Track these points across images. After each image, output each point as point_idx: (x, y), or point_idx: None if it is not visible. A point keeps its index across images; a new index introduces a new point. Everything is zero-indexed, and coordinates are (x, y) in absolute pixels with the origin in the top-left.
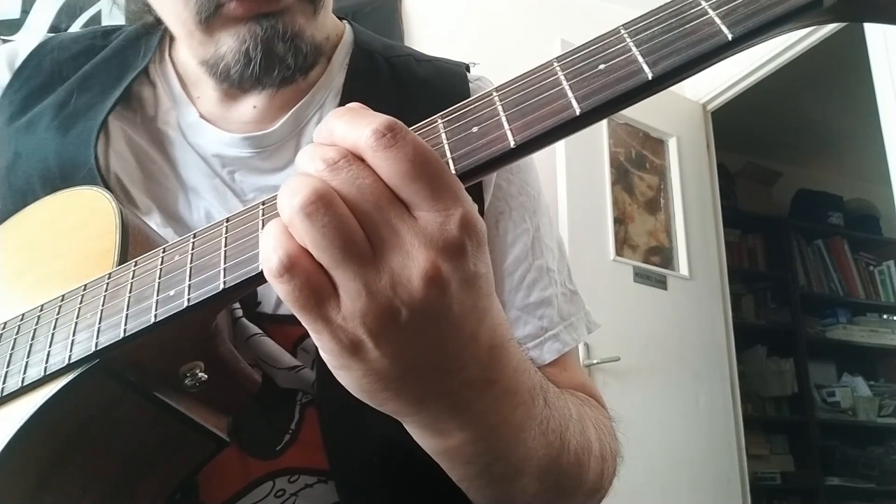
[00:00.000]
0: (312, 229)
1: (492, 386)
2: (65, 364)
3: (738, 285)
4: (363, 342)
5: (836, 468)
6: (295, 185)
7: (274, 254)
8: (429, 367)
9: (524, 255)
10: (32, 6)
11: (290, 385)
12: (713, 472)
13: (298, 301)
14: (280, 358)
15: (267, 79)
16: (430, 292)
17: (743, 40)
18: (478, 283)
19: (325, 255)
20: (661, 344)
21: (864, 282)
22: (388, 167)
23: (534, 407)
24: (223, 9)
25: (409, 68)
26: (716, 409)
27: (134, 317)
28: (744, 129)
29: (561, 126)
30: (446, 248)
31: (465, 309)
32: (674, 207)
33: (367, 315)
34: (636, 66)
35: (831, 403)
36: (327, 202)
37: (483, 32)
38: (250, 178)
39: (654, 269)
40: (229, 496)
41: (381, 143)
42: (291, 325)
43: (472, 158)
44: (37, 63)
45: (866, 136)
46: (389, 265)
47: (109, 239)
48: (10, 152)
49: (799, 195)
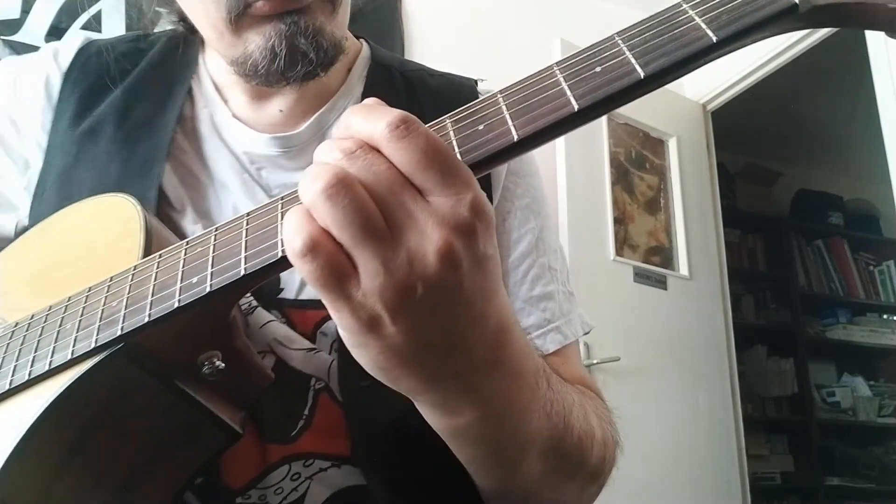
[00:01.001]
0: (334, 209)
1: (498, 367)
2: (90, 348)
3: (738, 285)
4: (381, 318)
5: (836, 468)
6: (316, 172)
7: (297, 236)
8: (441, 346)
9: (529, 251)
10: (32, 6)
11: (305, 367)
12: (713, 472)
13: (320, 279)
14: (296, 340)
15: (291, 73)
16: (444, 268)
17: (726, 43)
18: (487, 264)
19: (345, 234)
20: (661, 344)
21: (864, 282)
22: (402, 156)
23: (538, 389)
24: (251, 8)
25: (423, 80)
26: (716, 409)
27: (158, 302)
28: (744, 129)
29: (561, 121)
30: (458, 227)
31: (474, 287)
32: (674, 207)
33: (385, 291)
34: (629, 66)
35: (831, 403)
36: (347, 184)
37: (483, 33)
38: (276, 174)
39: (654, 269)
40: (249, 479)
41: (395, 133)
42: (313, 310)
43: (478, 151)
44: (81, 66)
45: (866, 136)
46: (406, 243)
47: (133, 240)
48: (71, 156)
49: (799, 195)
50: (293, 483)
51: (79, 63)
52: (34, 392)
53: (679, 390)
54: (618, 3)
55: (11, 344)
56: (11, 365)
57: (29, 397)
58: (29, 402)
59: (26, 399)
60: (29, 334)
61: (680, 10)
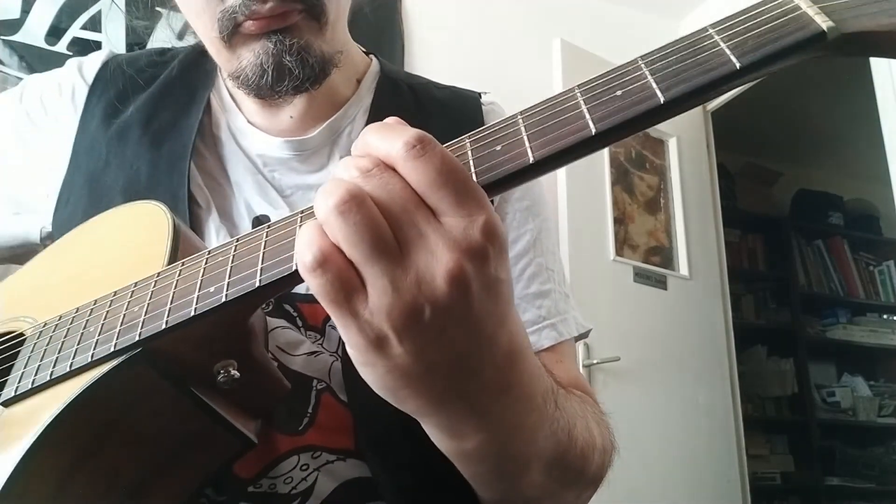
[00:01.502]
0: (345, 226)
1: (508, 390)
2: (110, 351)
3: (738, 285)
4: (388, 338)
5: (836, 468)
6: (330, 188)
7: (308, 250)
8: (449, 367)
9: (526, 250)
10: (32, 6)
11: (306, 370)
12: (713, 472)
13: (329, 294)
14: (299, 345)
15: (279, 87)
16: (453, 291)
17: (750, 69)
18: (498, 288)
19: (356, 250)
20: (661, 344)
21: (864, 282)
22: (417, 175)
23: (545, 410)
24: (241, 27)
25: (429, 92)
26: (716, 409)
27: (176, 310)
28: (744, 129)
29: (577, 144)
30: (469, 250)
31: (484, 311)
32: (674, 207)
33: (393, 310)
34: (649, 91)
35: (831, 403)
36: (359, 201)
37: (483, 33)
38: (289, 176)
39: (654, 269)
40: (259, 469)
41: (411, 153)
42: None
43: (493, 172)
44: (108, 76)
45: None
46: (415, 264)
47: (161, 246)
48: (101, 161)
49: (799, 195)
50: (302, 473)
51: (105, 74)
52: (53, 392)
53: (679, 390)
54: (618, 4)
55: (38, 343)
56: (36, 364)
57: (48, 397)
58: (47, 402)
59: (45, 399)
60: (55, 335)
61: (706, 34)
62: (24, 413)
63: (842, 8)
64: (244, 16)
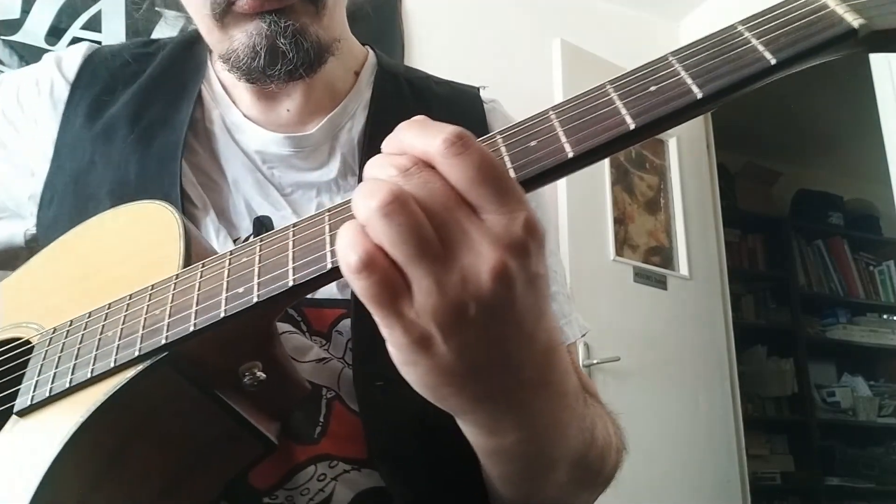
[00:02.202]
0: (390, 227)
1: (546, 387)
2: (134, 356)
3: (738, 285)
4: (432, 337)
5: (836, 468)
6: (371, 189)
7: (353, 251)
8: (491, 364)
9: None
10: (32, 6)
11: (315, 378)
12: (713, 472)
13: (375, 296)
14: (307, 351)
15: (272, 71)
16: (498, 288)
17: (784, 66)
18: (538, 283)
19: (400, 251)
20: (661, 344)
21: (864, 282)
22: (458, 172)
23: (576, 407)
24: (234, 6)
25: (429, 87)
26: (716, 409)
27: (203, 312)
28: (744, 129)
29: (616, 139)
30: (512, 246)
31: (526, 307)
32: (674, 207)
33: (438, 310)
34: (685, 87)
35: (831, 403)
36: (403, 202)
37: (483, 32)
38: (288, 173)
39: (654, 269)
40: (276, 480)
41: (451, 150)
42: (329, 308)
43: (530, 168)
44: (91, 72)
45: (866, 136)
46: (460, 262)
47: (172, 248)
48: (84, 160)
49: (799, 195)
50: (319, 484)
51: (87, 70)
52: (75, 399)
53: (679, 390)
54: (618, 4)
55: (50, 350)
56: (51, 372)
57: (70, 405)
58: (70, 409)
59: (67, 406)
60: (68, 341)
61: (735, 31)
62: (43, 422)
63: (869, 6)
64: None
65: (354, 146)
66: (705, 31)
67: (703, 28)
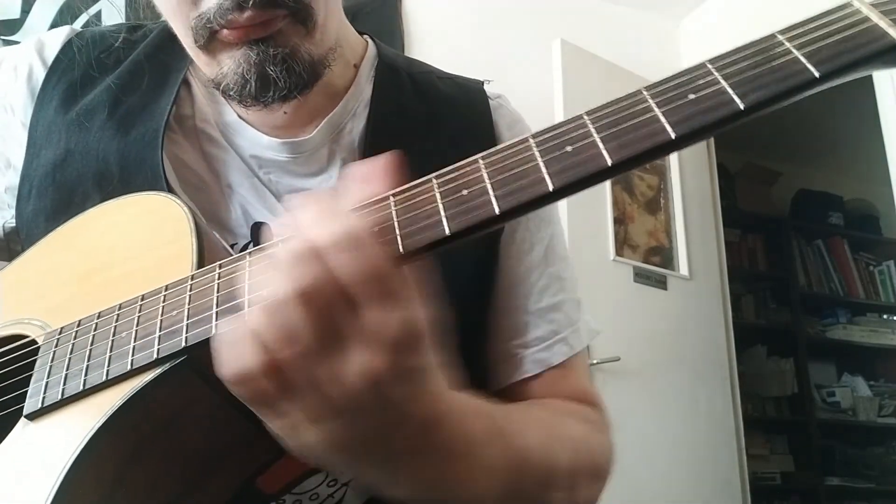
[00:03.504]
0: (272, 327)
1: (423, 451)
2: (152, 359)
3: (738, 285)
4: (304, 425)
5: (836, 468)
6: (267, 284)
7: (235, 362)
8: (360, 444)
9: (538, 262)
10: (32, 6)
11: None
12: (713, 472)
13: (252, 402)
14: None
15: (264, 97)
16: (366, 387)
17: (828, 78)
18: (413, 375)
19: (280, 350)
20: (661, 344)
21: (864, 282)
22: (345, 269)
23: (480, 456)
24: (218, 35)
25: (432, 84)
26: (716, 409)
27: (223, 314)
28: (744, 129)
29: (656, 148)
30: (384, 347)
31: (397, 396)
32: (674, 207)
33: (307, 405)
34: (726, 97)
35: (831, 403)
36: (290, 304)
37: (484, 33)
38: (285, 179)
39: (654, 269)
40: (284, 484)
41: (341, 244)
42: None
43: (569, 173)
44: (70, 57)
45: (866, 136)
46: (331, 360)
47: (181, 244)
48: (60, 149)
49: (799, 195)
50: (329, 489)
51: (66, 55)
52: (91, 402)
53: (679, 390)
54: (618, 4)
55: (58, 351)
56: (62, 373)
57: (86, 407)
58: (86, 413)
59: (83, 409)
60: (78, 342)
61: (775, 41)
62: (56, 426)
63: None
64: (220, 25)
65: (355, 149)
66: (705, 31)
67: (703, 28)
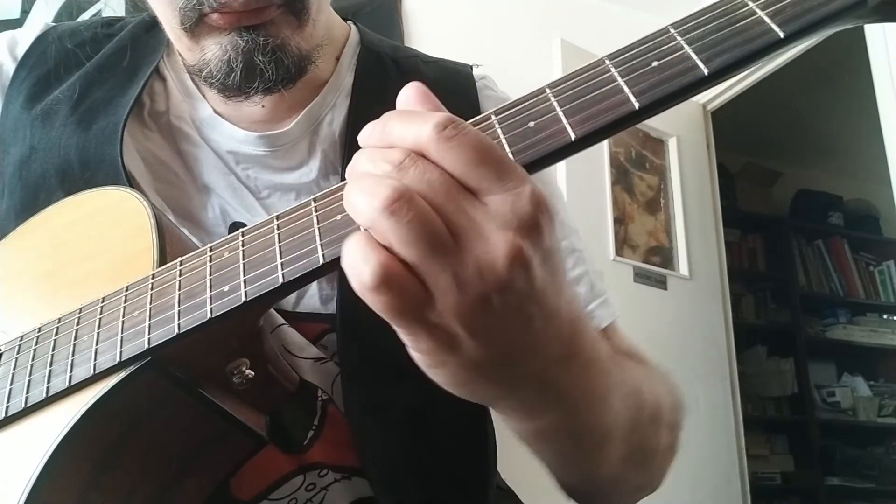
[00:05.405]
0: (399, 226)
1: (574, 358)
2: (115, 362)
3: (738, 285)
4: (458, 335)
5: (836, 468)
6: (370, 187)
7: (366, 266)
8: (520, 349)
9: None
10: (32, 6)
11: (313, 378)
12: (713, 472)
13: (396, 309)
14: (305, 348)
15: (248, 88)
16: (516, 273)
17: (793, 38)
18: (554, 258)
19: (413, 251)
20: (661, 344)
21: (864, 282)
22: (453, 158)
23: (612, 374)
24: (207, 18)
25: (417, 69)
26: (716, 409)
27: (186, 313)
28: (744, 129)
29: (620, 119)
30: (522, 226)
31: (546, 284)
32: (674, 207)
33: (461, 307)
34: (690, 62)
35: (831, 403)
36: (408, 198)
37: (483, 32)
38: (264, 175)
39: (654, 269)
40: (261, 490)
41: (442, 135)
42: (311, 322)
43: (531, 151)
44: (41, 51)
45: (866, 136)
46: (473, 253)
47: (143, 240)
48: (25, 146)
49: (799, 195)
50: (308, 494)
51: (37, 50)
52: (56, 409)
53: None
54: (618, 4)
55: (20, 358)
56: (24, 380)
57: (51, 415)
58: (51, 419)
59: (48, 417)
60: (40, 348)
61: (737, 2)
62: (21, 436)
63: None
64: (211, 8)
65: (336, 141)
66: None
67: None
